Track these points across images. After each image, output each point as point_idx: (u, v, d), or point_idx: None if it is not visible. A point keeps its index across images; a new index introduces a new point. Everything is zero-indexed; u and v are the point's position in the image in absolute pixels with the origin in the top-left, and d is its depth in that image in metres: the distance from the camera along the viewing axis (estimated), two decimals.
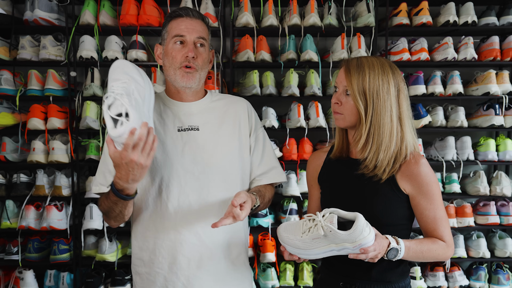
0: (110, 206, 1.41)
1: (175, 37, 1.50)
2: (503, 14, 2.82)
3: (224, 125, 1.57)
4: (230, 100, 1.65)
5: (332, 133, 2.76)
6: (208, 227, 1.46)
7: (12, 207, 2.73)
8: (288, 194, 2.72)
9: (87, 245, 2.77)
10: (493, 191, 2.81)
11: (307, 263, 2.79)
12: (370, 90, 1.34)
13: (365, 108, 1.35)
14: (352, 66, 1.37)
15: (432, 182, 1.36)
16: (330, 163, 1.53)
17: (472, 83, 2.88)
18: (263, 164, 1.62)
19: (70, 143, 2.73)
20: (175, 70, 1.51)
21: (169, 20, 1.54)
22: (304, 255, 1.29)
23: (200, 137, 1.52)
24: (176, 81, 1.52)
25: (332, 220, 1.22)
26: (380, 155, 1.35)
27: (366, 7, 2.73)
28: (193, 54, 1.49)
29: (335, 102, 1.41)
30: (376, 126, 1.35)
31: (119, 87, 1.27)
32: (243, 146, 1.59)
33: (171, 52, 1.51)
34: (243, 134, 1.60)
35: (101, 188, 1.50)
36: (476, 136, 2.99)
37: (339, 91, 1.40)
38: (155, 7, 2.74)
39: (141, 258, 1.53)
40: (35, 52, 2.76)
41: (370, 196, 1.39)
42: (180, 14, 1.53)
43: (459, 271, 2.80)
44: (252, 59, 2.76)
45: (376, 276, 1.39)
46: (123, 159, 1.25)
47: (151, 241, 1.50)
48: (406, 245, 1.29)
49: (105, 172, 1.50)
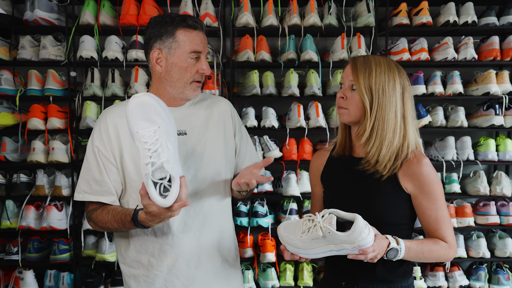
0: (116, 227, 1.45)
1: (193, 52, 1.47)
2: (503, 14, 2.82)
3: (210, 128, 1.57)
4: (212, 101, 1.65)
5: (332, 133, 2.78)
6: (204, 228, 1.52)
7: (12, 207, 2.73)
8: (288, 194, 2.72)
9: (87, 245, 2.77)
10: (493, 191, 2.81)
11: (307, 263, 2.79)
12: (376, 85, 1.35)
13: (371, 102, 1.35)
14: (359, 62, 1.38)
15: (434, 182, 1.36)
16: (332, 161, 1.53)
17: (472, 83, 2.88)
18: (248, 159, 1.68)
19: (70, 143, 2.73)
20: (186, 84, 1.50)
21: (176, 28, 1.46)
22: (304, 254, 1.29)
23: (188, 142, 1.52)
24: (182, 93, 1.51)
25: (331, 221, 1.22)
26: (383, 150, 1.36)
27: (366, 7, 2.73)
28: (209, 72, 1.50)
29: (340, 96, 1.41)
30: (381, 121, 1.36)
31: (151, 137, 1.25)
32: (229, 148, 1.62)
33: (185, 66, 1.48)
34: (228, 136, 1.62)
35: (85, 196, 1.50)
36: (476, 136, 2.99)
37: (345, 86, 1.41)
38: (155, 7, 2.74)
39: (139, 261, 1.53)
40: (35, 52, 2.76)
41: (371, 195, 1.39)
42: (195, 26, 1.48)
43: (459, 271, 2.80)
44: (252, 59, 2.76)
45: (379, 276, 1.39)
46: (162, 215, 1.28)
47: (150, 245, 1.51)
48: (406, 245, 1.29)
49: (89, 180, 1.50)
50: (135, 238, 1.53)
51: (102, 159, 1.48)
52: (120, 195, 1.52)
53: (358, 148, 1.47)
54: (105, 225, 1.47)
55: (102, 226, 1.48)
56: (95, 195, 1.49)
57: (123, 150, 1.48)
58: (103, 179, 1.48)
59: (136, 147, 1.29)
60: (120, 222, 1.42)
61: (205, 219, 1.53)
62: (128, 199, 1.51)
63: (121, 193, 1.52)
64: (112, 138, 1.48)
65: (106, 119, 1.50)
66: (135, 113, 1.27)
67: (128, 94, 2.74)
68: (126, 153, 1.47)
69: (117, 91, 2.74)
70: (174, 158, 1.26)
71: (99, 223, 1.48)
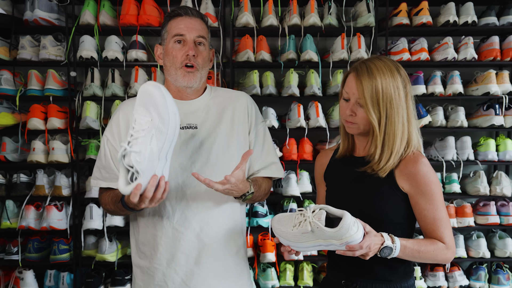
0: (116, 210, 1.51)
1: (175, 36, 1.50)
2: (503, 14, 2.82)
3: (222, 124, 1.57)
4: (229, 96, 1.64)
5: (332, 133, 2.78)
6: (206, 224, 1.52)
7: (12, 207, 2.73)
8: (288, 194, 2.72)
9: (87, 245, 2.77)
10: (493, 191, 2.81)
11: (307, 263, 2.79)
12: (384, 100, 1.33)
13: (379, 119, 1.34)
14: (364, 78, 1.33)
15: (431, 182, 1.35)
16: (335, 161, 1.54)
17: (472, 83, 2.88)
18: (263, 159, 1.62)
19: (70, 143, 2.73)
20: (176, 70, 1.51)
21: (168, 19, 1.55)
22: (294, 247, 1.31)
23: (197, 136, 1.53)
24: (177, 81, 1.52)
25: (320, 217, 1.23)
26: (391, 159, 1.36)
27: (366, 7, 2.73)
28: (194, 52, 1.49)
29: (349, 114, 1.38)
30: (391, 134, 1.35)
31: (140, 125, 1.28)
32: (241, 144, 1.59)
33: (171, 51, 1.51)
34: (241, 132, 1.59)
35: (98, 182, 1.58)
36: (476, 136, 2.99)
37: (352, 102, 1.37)
38: (155, 7, 2.74)
39: (144, 252, 1.56)
40: (35, 52, 2.76)
41: (369, 193, 1.39)
42: (179, 13, 1.53)
43: (459, 271, 2.80)
44: (252, 59, 2.76)
45: (378, 275, 1.39)
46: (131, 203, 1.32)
47: (150, 237, 1.53)
48: (402, 244, 1.29)
49: (100, 168, 1.58)
50: (139, 230, 1.56)
51: (109, 148, 1.55)
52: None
53: (359, 148, 1.47)
54: (106, 207, 1.56)
55: (105, 208, 1.57)
56: (106, 181, 1.56)
57: None
58: (109, 165, 1.54)
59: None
60: (115, 203, 1.48)
61: (208, 216, 1.52)
62: None
63: None
64: (121, 129, 1.53)
65: (119, 111, 1.57)
66: (139, 97, 1.32)
67: (128, 94, 2.74)
68: None
69: (117, 91, 2.74)
70: (151, 155, 1.27)
71: (102, 205, 1.58)
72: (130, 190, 1.26)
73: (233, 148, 1.56)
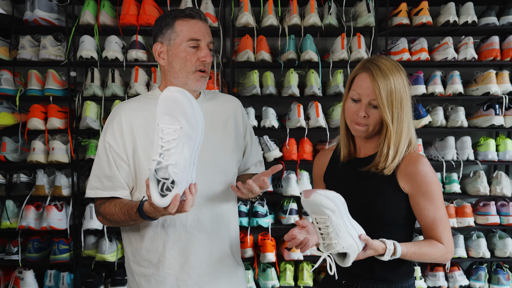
0: (124, 220, 1.44)
1: (191, 40, 1.47)
2: (503, 14, 2.82)
3: (221, 126, 1.58)
4: (223, 100, 1.66)
5: (332, 133, 2.77)
6: (216, 226, 1.53)
7: (12, 207, 2.73)
8: (288, 194, 2.72)
9: (87, 245, 2.77)
10: (493, 191, 2.81)
11: (307, 263, 2.79)
12: (396, 99, 1.33)
13: (392, 119, 1.34)
14: (379, 78, 1.32)
15: (431, 182, 1.36)
16: (335, 161, 1.53)
17: (472, 83, 2.88)
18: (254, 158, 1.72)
19: (70, 143, 2.73)
20: (188, 74, 1.49)
21: (174, 19, 1.48)
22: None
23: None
24: (187, 84, 1.50)
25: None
26: (397, 157, 1.36)
27: (366, 7, 2.73)
28: (211, 59, 1.49)
29: (363, 115, 1.36)
30: (399, 134, 1.36)
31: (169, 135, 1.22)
32: (239, 147, 1.63)
33: (185, 55, 1.47)
34: (239, 135, 1.63)
35: (98, 192, 1.50)
36: (476, 136, 2.99)
37: (364, 103, 1.36)
38: (155, 7, 2.74)
39: (149, 260, 1.52)
40: (35, 52, 2.76)
41: (371, 194, 1.39)
42: (192, 15, 1.49)
43: (459, 271, 2.80)
44: (252, 59, 2.76)
45: (379, 275, 1.40)
46: (161, 211, 1.27)
47: (161, 243, 1.50)
48: (402, 253, 1.30)
49: (100, 177, 1.49)
50: (146, 236, 1.51)
51: (113, 155, 1.47)
52: (131, 190, 1.52)
53: (360, 149, 1.47)
54: (112, 218, 1.46)
55: (110, 219, 1.47)
56: (108, 190, 1.48)
57: (137, 146, 1.47)
58: (114, 174, 1.47)
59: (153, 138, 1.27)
60: (127, 213, 1.41)
61: (217, 217, 1.54)
62: (139, 195, 1.50)
63: (131, 189, 1.52)
64: (125, 134, 1.47)
65: (120, 115, 1.49)
66: (162, 105, 1.24)
67: (128, 94, 2.74)
68: (140, 148, 1.47)
69: (117, 91, 2.74)
70: (185, 163, 1.23)
71: (107, 216, 1.47)
72: (168, 202, 1.21)
73: (232, 150, 1.59)
